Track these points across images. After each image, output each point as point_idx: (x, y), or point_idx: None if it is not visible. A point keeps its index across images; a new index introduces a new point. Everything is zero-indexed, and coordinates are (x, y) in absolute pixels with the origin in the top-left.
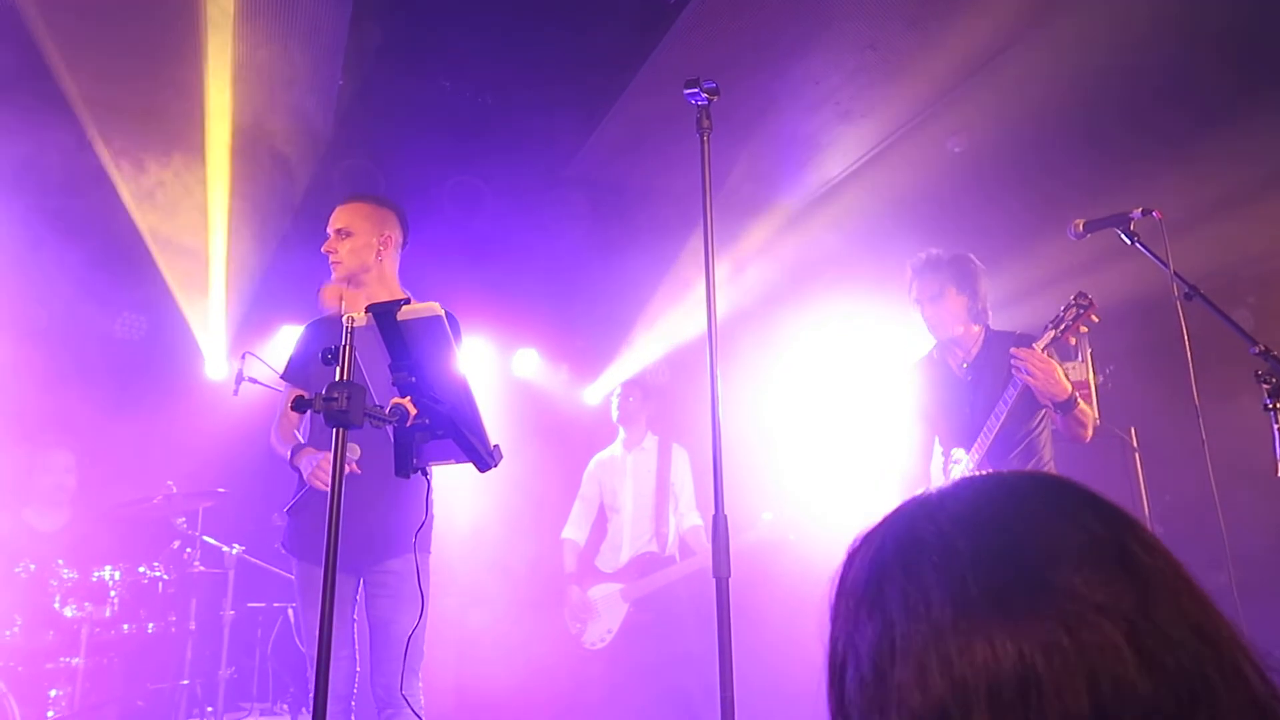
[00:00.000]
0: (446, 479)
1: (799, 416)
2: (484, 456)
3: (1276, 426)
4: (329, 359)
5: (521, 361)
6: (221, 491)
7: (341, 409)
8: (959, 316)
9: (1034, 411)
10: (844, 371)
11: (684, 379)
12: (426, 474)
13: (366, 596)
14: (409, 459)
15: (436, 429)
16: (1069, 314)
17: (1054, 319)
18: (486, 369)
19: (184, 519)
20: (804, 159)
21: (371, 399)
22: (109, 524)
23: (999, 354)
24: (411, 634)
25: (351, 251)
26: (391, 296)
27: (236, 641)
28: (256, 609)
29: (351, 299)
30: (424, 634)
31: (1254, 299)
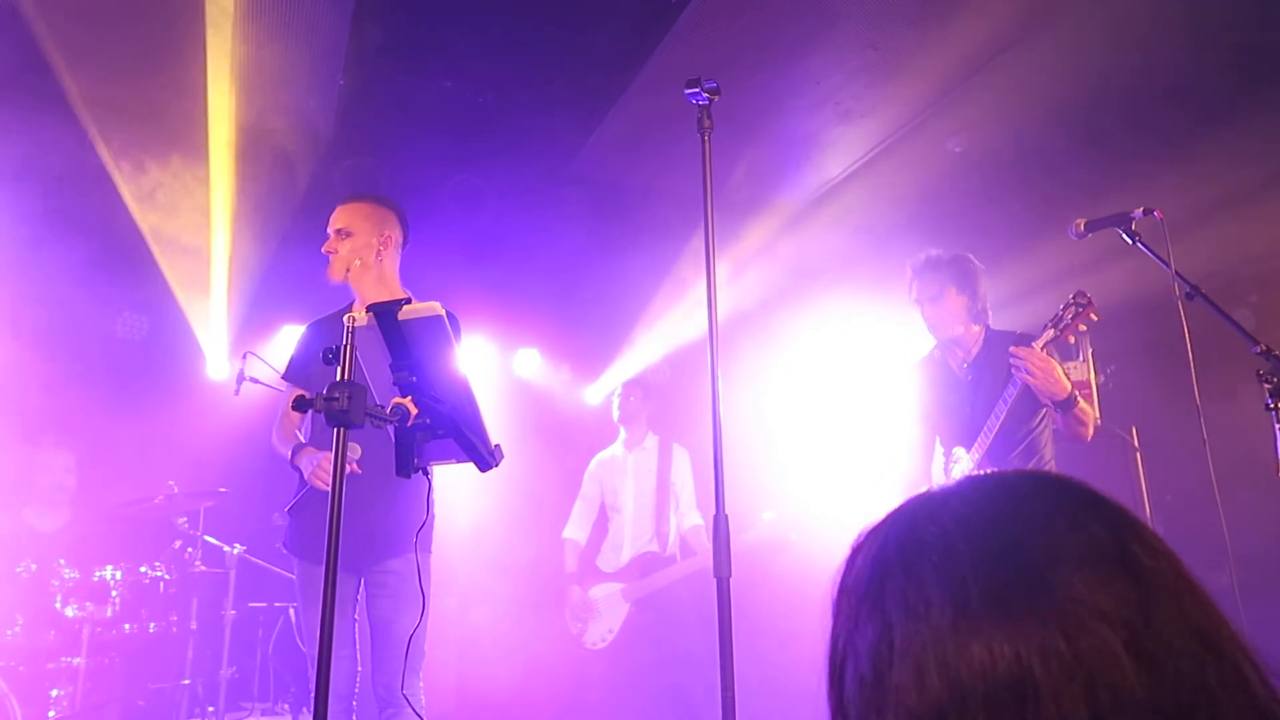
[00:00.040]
0: (447, 479)
1: (800, 416)
2: (485, 456)
3: (1278, 426)
4: (330, 359)
5: (522, 361)
6: (223, 491)
7: (342, 409)
8: (959, 317)
9: (1035, 411)
10: (844, 371)
11: (685, 379)
12: (427, 474)
13: (367, 596)
14: (410, 459)
15: (437, 429)
16: (1068, 313)
17: (1053, 318)
18: (487, 369)
19: (185, 519)
20: (805, 159)
21: (372, 398)
22: (110, 524)
23: (999, 354)
24: (412, 634)
25: (351, 251)
26: (392, 296)
27: (238, 641)
28: (258, 609)
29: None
30: (425, 634)
31: (1255, 298)
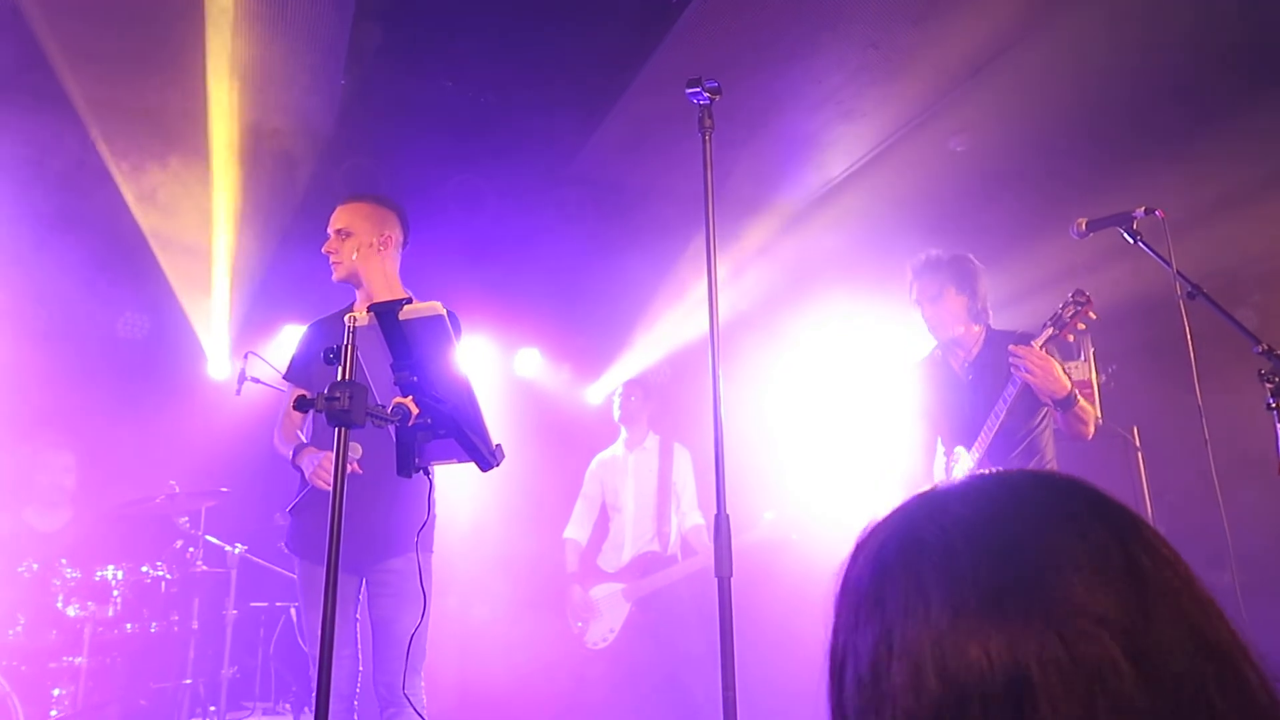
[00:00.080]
0: (448, 478)
1: (801, 416)
2: (486, 456)
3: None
4: (331, 358)
5: (523, 361)
6: (224, 491)
7: (344, 408)
8: (959, 316)
9: (1035, 410)
10: (845, 371)
11: (685, 378)
12: (429, 473)
13: (369, 596)
14: (411, 458)
15: (438, 428)
16: (1067, 311)
17: (1052, 316)
18: (488, 368)
19: (187, 518)
20: (805, 158)
21: (373, 398)
22: (112, 523)
23: (1000, 353)
24: (414, 633)
25: (352, 251)
26: (393, 296)
27: (239, 641)
28: (259, 608)
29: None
30: (426, 633)
31: (1257, 298)
